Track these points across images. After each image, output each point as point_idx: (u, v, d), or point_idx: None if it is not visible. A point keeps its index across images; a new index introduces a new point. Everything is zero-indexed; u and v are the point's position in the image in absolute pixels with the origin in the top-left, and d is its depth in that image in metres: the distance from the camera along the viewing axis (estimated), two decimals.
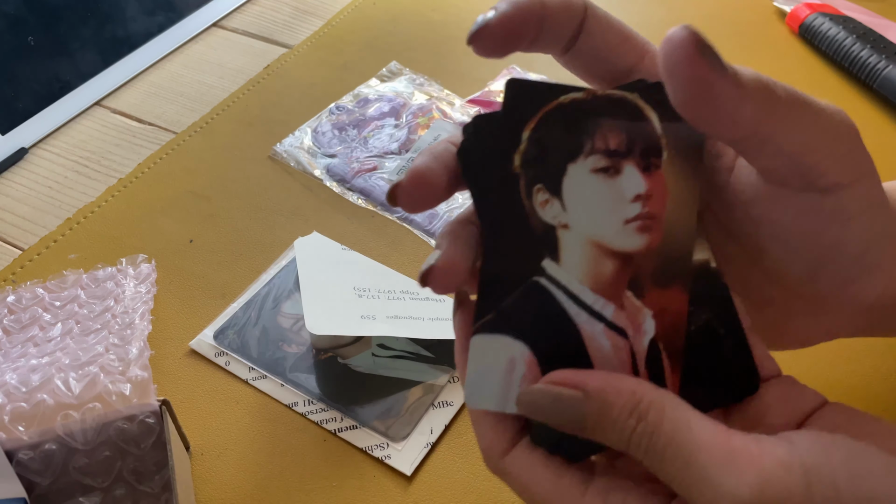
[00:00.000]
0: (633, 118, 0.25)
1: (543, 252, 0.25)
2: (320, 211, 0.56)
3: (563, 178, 0.25)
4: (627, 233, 0.25)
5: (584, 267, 0.25)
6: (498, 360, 0.24)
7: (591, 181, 0.25)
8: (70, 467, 0.38)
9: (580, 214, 0.25)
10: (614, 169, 0.25)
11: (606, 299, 0.25)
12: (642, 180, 0.25)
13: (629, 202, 0.25)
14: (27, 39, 0.64)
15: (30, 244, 0.55)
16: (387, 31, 0.73)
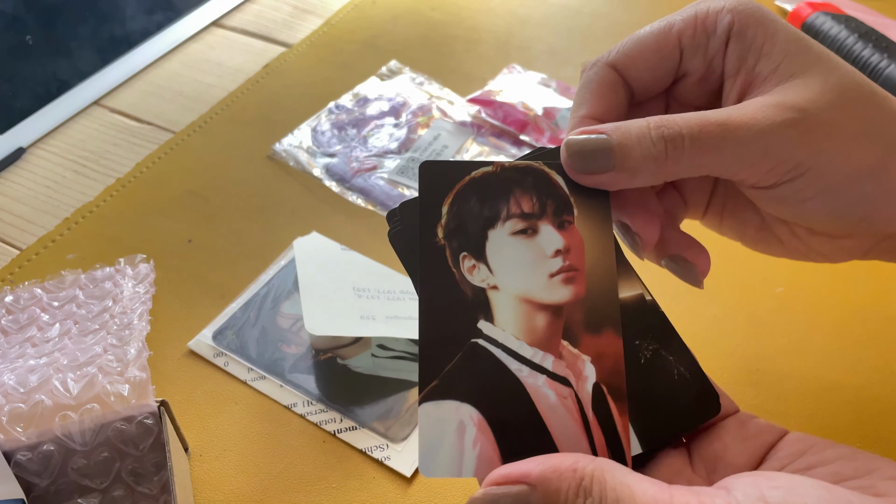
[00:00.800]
0: (541, 183, 0.28)
1: (478, 314, 0.26)
2: (319, 211, 0.56)
3: (486, 243, 0.27)
4: (553, 286, 0.26)
5: (518, 323, 0.26)
6: (448, 426, 0.25)
7: (512, 243, 0.27)
8: (68, 468, 0.38)
9: (506, 275, 0.26)
10: (531, 229, 0.27)
11: (545, 351, 0.26)
12: (559, 236, 0.27)
13: (550, 258, 0.27)
14: (25, 38, 0.63)
15: (28, 244, 0.55)
16: (386, 30, 0.73)
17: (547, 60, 0.68)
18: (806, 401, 0.43)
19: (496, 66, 0.67)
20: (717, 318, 0.47)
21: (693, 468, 0.26)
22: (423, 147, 0.59)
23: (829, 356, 0.45)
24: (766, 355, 0.45)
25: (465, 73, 0.67)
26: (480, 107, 0.61)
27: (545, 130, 0.59)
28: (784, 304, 0.48)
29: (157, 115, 0.65)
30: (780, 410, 0.43)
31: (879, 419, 0.42)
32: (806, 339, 0.46)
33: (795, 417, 0.42)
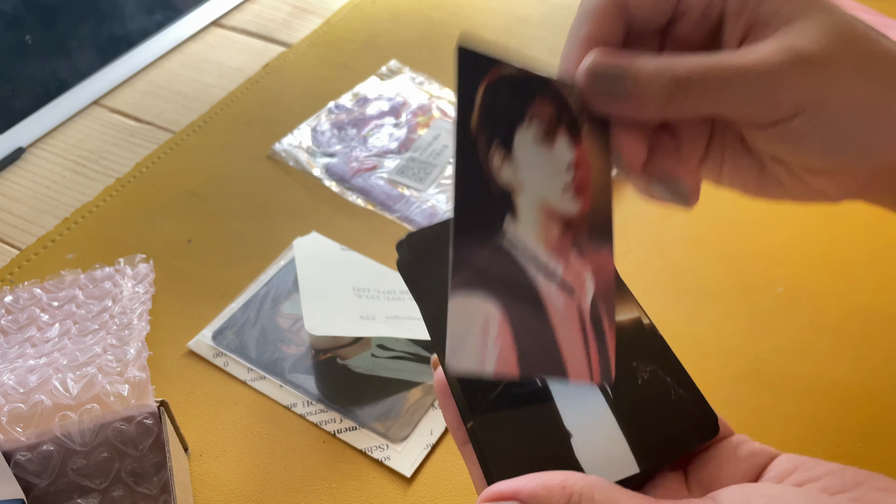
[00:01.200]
0: (558, 97, 0.29)
1: (505, 213, 0.27)
2: (319, 210, 0.56)
3: (514, 140, 0.28)
4: (566, 198, 0.28)
5: (537, 229, 0.27)
6: (474, 321, 0.26)
7: (534, 148, 0.28)
8: (68, 468, 0.38)
9: (530, 178, 0.27)
10: (551, 138, 0.28)
11: (557, 259, 0.27)
12: (572, 151, 0.28)
13: (564, 170, 0.28)
14: (25, 38, 0.63)
15: (27, 244, 0.55)
16: (386, 30, 0.73)
17: (547, 60, 0.68)
18: (806, 401, 0.43)
19: None
20: (717, 318, 0.47)
21: (689, 491, 0.27)
22: (423, 147, 0.59)
23: (829, 356, 0.45)
24: (766, 355, 0.45)
25: None
26: None
27: None
28: (784, 304, 0.48)
29: (156, 114, 0.65)
30: (781, 410, 0.42)
31: (879, 419, 0.42)
32: (806, 339, 0.46)
33: (795, 417, 0.42)
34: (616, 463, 0.25)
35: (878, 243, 0.51)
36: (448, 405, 0.28)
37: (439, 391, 0.28)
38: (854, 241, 0.51)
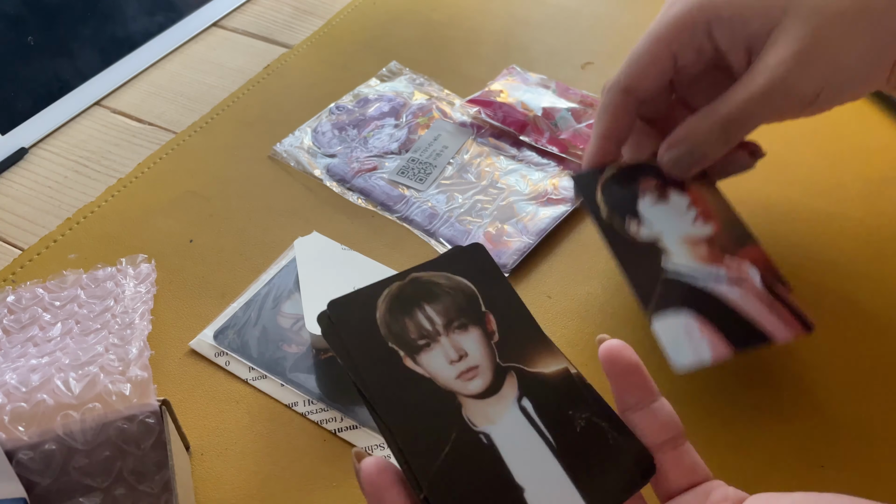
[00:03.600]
0: (653, 171, 0.42)
1: (658, 257, 0.38)
2: (320, 211, 0.56)
3: (638, 209, 0.40)
4: (698, 226, 0.40)
5: (689, 254, 0.38)
6: (678, 329, 0.35)
7: (656, 208, 0.40)
8: (70, 467, 0.38)
9: (665, 226, 0.39)
10: (664, 195, 0.41)
11: (716, 265, 0.38)
12: (685, 196, 0.41)
13: (686, 210, 0.40)
14: (27, 39, 0.64)
15: (29, 244, 0.55)
16: (387, 31, 0.73)
17: (546, 61, 0.68)
18: (806, 401, 0.43)
19: (496, 68, 0.67)
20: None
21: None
22: (424, 147, 0.59)
23: (830, 356, 0.45)
24: (767, 354, 0.45)
25: (464, 74, 0.67)
26: (480, 107, 0.61)
27: (544, 131, 0.59)
28: None
29: (158, 115, 0.66)
30: (780, 410, 0.43)
31: (879, 419, 0.42)
32: (806, 338, 0.46)
33: (795, 418, 0.42)
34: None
35: (879, 243, 0.51)
36: (385, 500, 0.26)
37: (372, 481, 0.26)
38: (854, 241, 0.51)
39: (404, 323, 0.31)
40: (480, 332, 0.31)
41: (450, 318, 0.31)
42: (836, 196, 0.54)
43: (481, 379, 0.30)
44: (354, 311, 0.31)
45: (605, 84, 0.42)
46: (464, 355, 0.31)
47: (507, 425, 0.29)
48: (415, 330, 0.31)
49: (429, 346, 0.30)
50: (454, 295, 0.32)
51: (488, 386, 0.30)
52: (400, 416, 0.28)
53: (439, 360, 0.30)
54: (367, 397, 0.29)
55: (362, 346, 0.30)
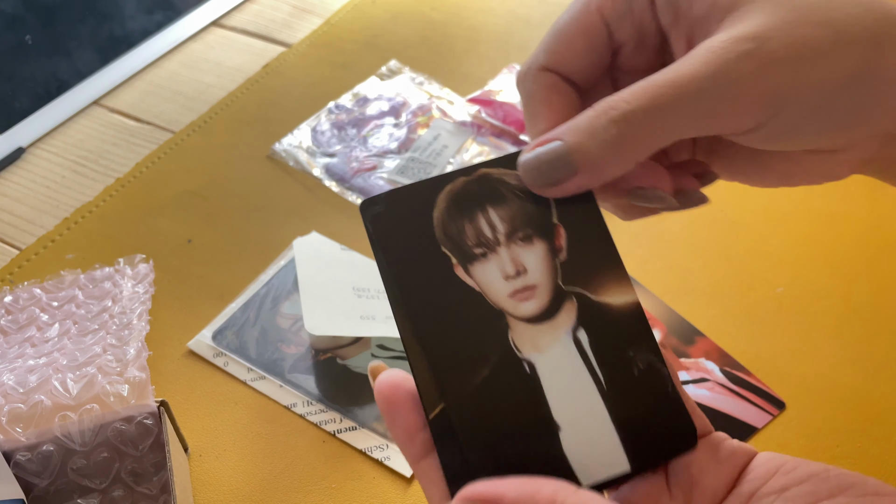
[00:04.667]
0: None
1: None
2: (319, 210, 0.56)
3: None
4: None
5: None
6: None
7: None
8: (68, 468, 0.37)
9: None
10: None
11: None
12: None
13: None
14: (25, 38, 0.63)
15: (27, 244, 0.55)
16: (386, 30, 0.73)
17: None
18: (806, 401, 0.43)
19: (496, 66, 0.67)
20: (718, 317, 0.47)
21: (671, 493, 0.26)
22: (423, 147, 0.59)
23: (829, 356, 0.45)
24: (766, 355, 0.45)
25: (465, 73, 0.67)
26: (480, 106, 0.61)
27: None
28: (784, 304, 0.48)
29: (156, 114, 0.65)
30: (781, 408, 0.43)
31: (879, 419, 0.42)
32: (806, 339, 0.46)
33: (796, 417, 0.42)
34: (606, 461, 0.24)
35: (879, 243, 0.51)
36: (398, 415, 0.25)
37: (386, 397, 0.25)
38: (854, 241, 0.51)
39: (463, 226, 0.27)
40: (546, 247, 0.27)
41: (514, 227, 0.27)
42: (836, 196, 0.54)
43: (536, 301, 0.26)
44: (409, 206, 0.27)
45: (517, 74, 0.29)
46: (522, 271, 0.27)
47: (556, 356, 0.26)
48: (473, 235, 0.27)
49: (485, 255, 0.27)
50: (524, 200, 0.27)
51: (543, 310, 0.26)
52: (437, 328, 0.25)
53: (494, 274, 0.26)
54: (402, 302, 0.26)
55: (410, 246, 0.26)
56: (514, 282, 0.26)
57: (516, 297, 0.26)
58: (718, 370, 0.44)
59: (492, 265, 0.26)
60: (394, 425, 0.25)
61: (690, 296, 0.47)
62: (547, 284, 0.27)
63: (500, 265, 0.27)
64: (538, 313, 0.26)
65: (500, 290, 0.26)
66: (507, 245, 0.27)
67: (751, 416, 0.42)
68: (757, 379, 0.44)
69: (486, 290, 0.26)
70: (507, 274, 0.26)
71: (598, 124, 0.25)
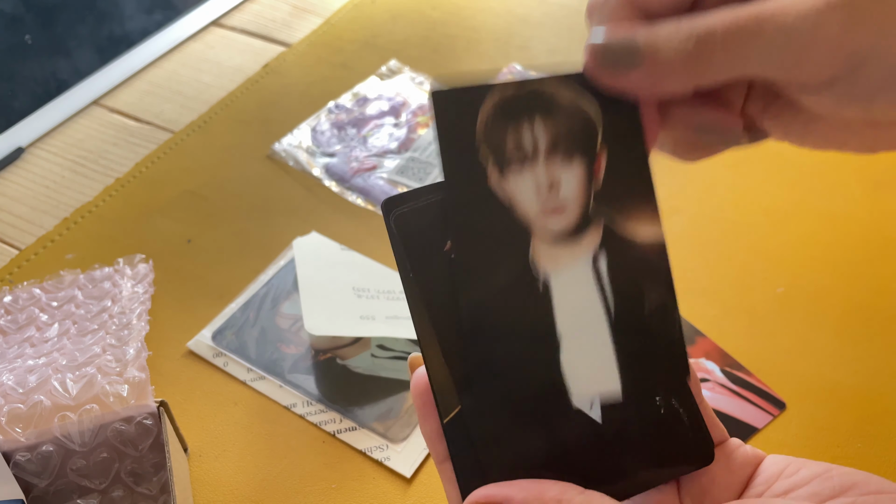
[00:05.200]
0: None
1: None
2: (319, 210, 0.56)
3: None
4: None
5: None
6: None
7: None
8: (67, 469, 0.37)
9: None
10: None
11: None
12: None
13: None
14: (24, 38, 0.63)
15: (27, 244, 0.54)
16: (386, 30, 0.73)
17: (547, 60, 0.68)
18: (806, 401, 0.43)
19: (496, 66, 0.67)
20: (718, 318, 0.47)
21: (681, 503, 0.26)
22: (423, 147, 0.59)
23: (829, 356, 0.45)
24: (767, 355, 0.45)
25: (465, 73, 0.67)
26: None
27: None
28: (784, 304, 0.48)
29: (156, 114, 0.65)
30: (783, 410, 0.42)
31: (879, 419, 0.42)
32: (806, 339, 0.46)
33: (796, 417, 0.42)
34: (599, 378, 0.25)
35: (878, 243, 0.51)
36: (430, 413, 0.25)
37: (422, 393, 0.25)
38: (854, 241, 0.51)
39: (505, 133, 0.26)
40: (585, 170, 0.26)
41: (556, 143, 0.26)
42: (836, 196, 0.54)
43: (565, 219, 0.26)
44: (459, 103, 0.26)
45: (589, 4, 0.29)
46: (556, 189, 0.26)
47: (572, 277, 0.26)
48: (513, 144, 0.26)
49: (522, 166, 0.26)
50: (572, 116, 0.27)
51: (570, 228, 0.26)
52: (466, 238, 0.25)
53: (528, 187, 0.26)
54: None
55: (452, 146, 0.26)
56: (546, 198, 0.26)
57: (546, 213, 0.26)
58: (719, 370, 0.44)
59: (527, 178, 0.26)
60: (425, 423, 0.25)
61: (690, 296, 0.47)
62: (578, 206, 0.26)
63: (536, 179, 0.26)
64: (564, 230, 0.26)
65: (531, 204, 0.26)
66: (546, 159, 0.26)
67: (751, 416, 0.42)
68: (757, 379, 0.44)
69: (516, 204, 0.26)
70: (542, 188, 0.26)
71: (675, 33, 0.25)
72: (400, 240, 0.27)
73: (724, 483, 0.25)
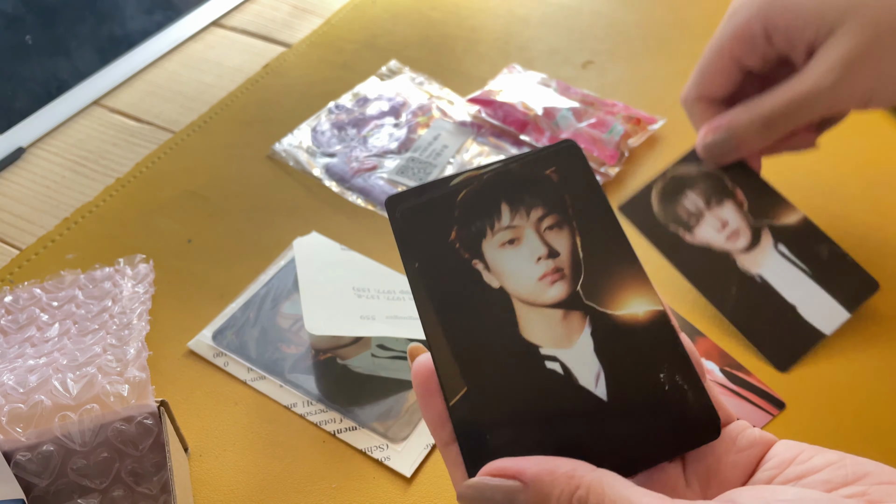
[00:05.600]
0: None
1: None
2: (319, 211, 0.56)
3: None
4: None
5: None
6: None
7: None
8: (68, 469, 0.37)
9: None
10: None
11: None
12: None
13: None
14: (25, 38, 0.63)
15: (27, 244, 0.55)
16: (386, 30, 0.73)
17: (547, 60, 0.68)
18: (806, 401, 0.43)
19: (496, 66, 0.67)
20: (717, 317, 0.47)
21: (687, 483, 0.26)
22: (423, 147, 0.59)
23: (830, 356, 0.45)
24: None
25: (465, 73, 0.67)
26: (480, 107, 0.61)
27: (545, 130, 0.59)
28: None
29: (156, 114, 0.65)
30: (781, 411, 0.43)
31: (879, 419, 0.42)
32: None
33: (796, 417, 0.42)
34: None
35: (878, 243, 0.51)
36: (432, 400, 0.26)
37: (423, 381, 0.26)
38: (854, 241, 0.51)
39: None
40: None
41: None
42: (836, 196, 0.54)
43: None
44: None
45: (681, 96, 0.46)
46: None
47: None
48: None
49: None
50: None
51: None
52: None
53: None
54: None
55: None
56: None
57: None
58: (719, 370, 0.44)
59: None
60: (427, 409, 0.26)
61: (690, 295, 0.47)
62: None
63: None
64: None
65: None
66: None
67: (751, 416, 0.42)
68: (757, 379, 0.44)
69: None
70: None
71: (752, 123, 0.42)
72: (407, 233, 0.27)
73: (730, 464, 0.25)
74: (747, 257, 0.44)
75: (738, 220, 0.44)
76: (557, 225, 0.28)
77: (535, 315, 0.26)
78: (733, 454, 0.26)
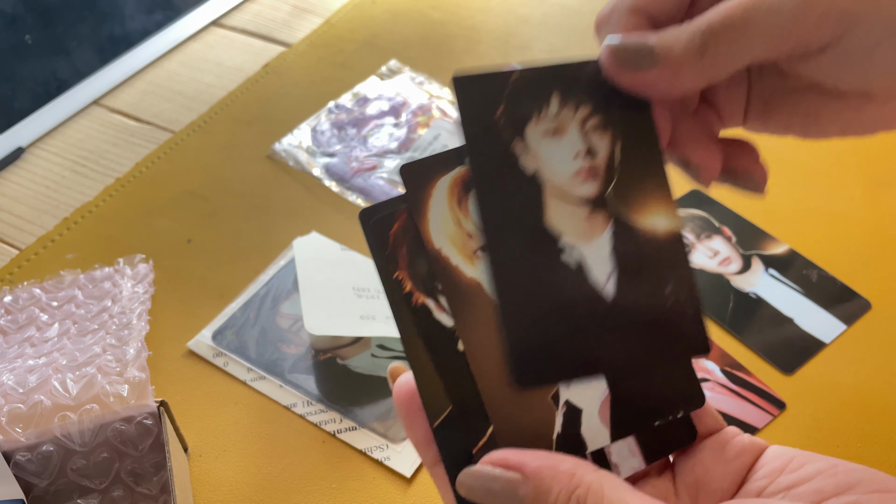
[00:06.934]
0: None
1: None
2: (319, 210, 0.56)
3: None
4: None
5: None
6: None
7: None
8: (68, 469, 0.37)
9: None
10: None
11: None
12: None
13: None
14: (24, 38, 0.63)
15: (27, 244, 0.54)
16: (386, 30, 0.73)
17: (547, 60, 0.68)
18: (806, 401, 0.43)
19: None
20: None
21: (677, 494, 0.26)
22: (424, 147, 0.59)
23: (830, 356, 0.45)
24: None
25: None
26: None
27: None
28: None
29: (156, 114, 0.65)
30: (784, 408, 0.43)
31: (879, 419, 0.42)
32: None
33: (795, 417, 0.42)
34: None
35: (879, 243, 0.51)
36: (416, 421, 0.26)
37: (404, 403, 0.26)
38: (854, 241, 0.51)
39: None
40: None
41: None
42: (836, 196, 0.54)
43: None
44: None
45: (598, 16, 0.31)
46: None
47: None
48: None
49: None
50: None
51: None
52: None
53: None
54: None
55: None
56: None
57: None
58: (719, 370, 0.44)
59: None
60: (412, 431, 0.26)
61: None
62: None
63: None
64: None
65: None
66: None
67: (751, 416, 0.42)
68: (757, 379, 0.44)
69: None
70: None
71: (683, 33, 0.27)
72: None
73: (720, 474, 0.25)
74: (740, 278, 0.47)
75: (729, 250, 0.46)
76: (602, 126, 0.28)
77: (562, 207, 0.27)
78: (722, 464, 0.25)
